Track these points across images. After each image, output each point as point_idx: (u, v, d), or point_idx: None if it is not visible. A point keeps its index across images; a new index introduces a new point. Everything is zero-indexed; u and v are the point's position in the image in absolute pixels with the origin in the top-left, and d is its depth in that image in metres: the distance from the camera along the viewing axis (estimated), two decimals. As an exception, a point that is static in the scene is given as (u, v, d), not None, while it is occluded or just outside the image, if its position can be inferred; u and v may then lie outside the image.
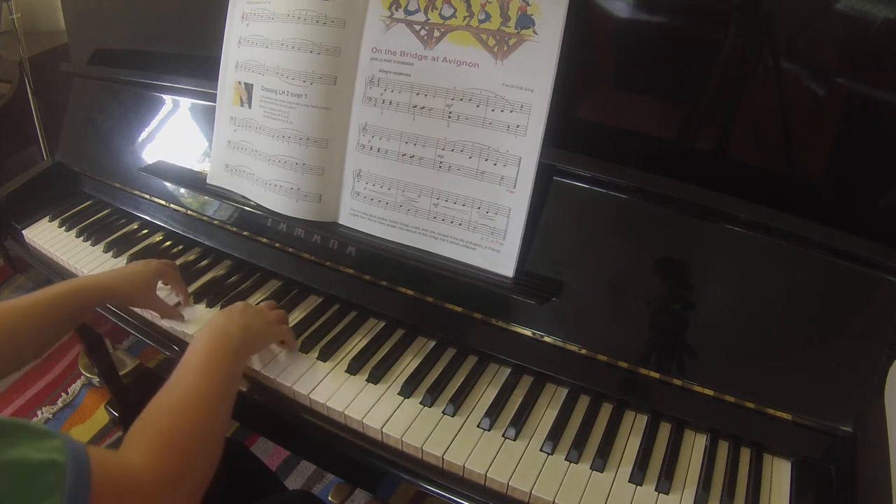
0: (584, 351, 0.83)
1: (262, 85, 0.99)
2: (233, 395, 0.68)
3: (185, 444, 0.57)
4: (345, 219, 0.97)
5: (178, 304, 1.00)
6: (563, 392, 0.86)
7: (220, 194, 1.07)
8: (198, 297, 1.02)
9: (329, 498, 0.96)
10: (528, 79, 0.81)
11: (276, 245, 1.03)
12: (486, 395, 0.85)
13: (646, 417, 0.82)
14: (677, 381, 0.79)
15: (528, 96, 0.82)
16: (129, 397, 1.56)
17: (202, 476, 0.59)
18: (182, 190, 1.13)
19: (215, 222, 1.09)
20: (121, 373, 1.61)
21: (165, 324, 0.97)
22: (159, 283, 0.98)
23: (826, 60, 0.74)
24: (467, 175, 0.87)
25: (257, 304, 0.99)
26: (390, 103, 0.91)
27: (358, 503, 1.40)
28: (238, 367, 0.72)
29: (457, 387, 0.84)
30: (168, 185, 1.15)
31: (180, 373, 0.66)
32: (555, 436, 0.78)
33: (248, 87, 1.02)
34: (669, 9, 0.80)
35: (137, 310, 0.99)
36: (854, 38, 0.73)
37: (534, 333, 0.85)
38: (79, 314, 0.85)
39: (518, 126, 0.83)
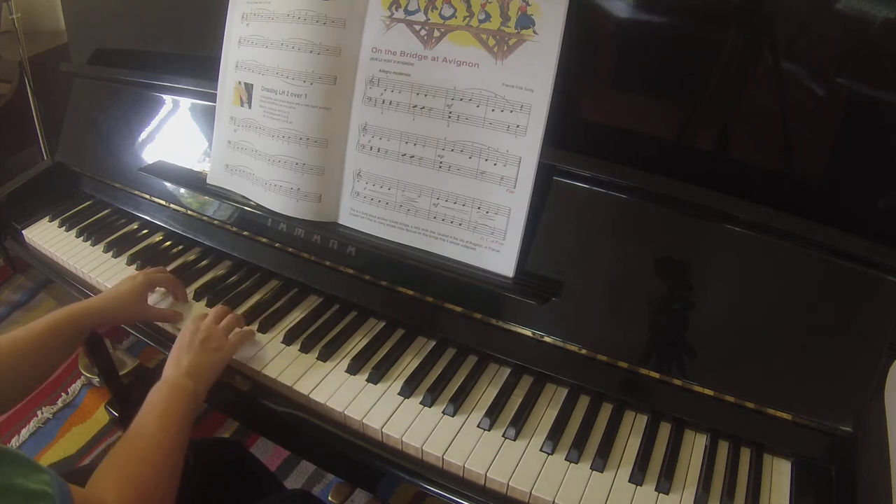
0: (584, 351, 0.83)
1: (262, 85, 0.99)
2: (188, 433, 0.75)
3: (149, 489, 0.66)
4: (345, 219, 0.97)
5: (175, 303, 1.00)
6: (563, 392, 0.86)
7: (220, 194, 1.07)
8: (198, 296, 1.02)
9: (329, 498, 0.96)
10: (528, 79, 0.81)
11: (276, 245, 1.03)
12: (486, 395, 0.85)
13: (646, 417, 0.82)
14: (677, 381, 0.79)
15: (528, 96, 0.82)
16: (129, 397, 1.56)
17: None
18: (182, 190, 1.13)
19: (215, 222, 1.09)
20: (121, 373, 1.61)
21: (166, 324, 0.98)
22: (157, 289, 0.99)
23: (826, 60, 0.74)
24: (467, 175, 0.87)
25: (255, 304, 1.00)
26: (390, 103, 0.91)
27: (358, 503, 1.40)
28: (193, 409, 0.77)
29: (457, 387, 0.84)
30: (168, 185, 1.15)
31: (142, 424, 0.72)
32: (555, 436, 0.78)
33: (248, 87, 1.02)
34: (669, 9, 0.80)
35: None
36: (854, 38, 0.73)
37: (534, 333, 0.85)
38: (75, 340, 0.87)
39: (518, 126, 0.83)
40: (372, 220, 0.95)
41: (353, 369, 0.87)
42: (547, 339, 0.84)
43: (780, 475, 0.76)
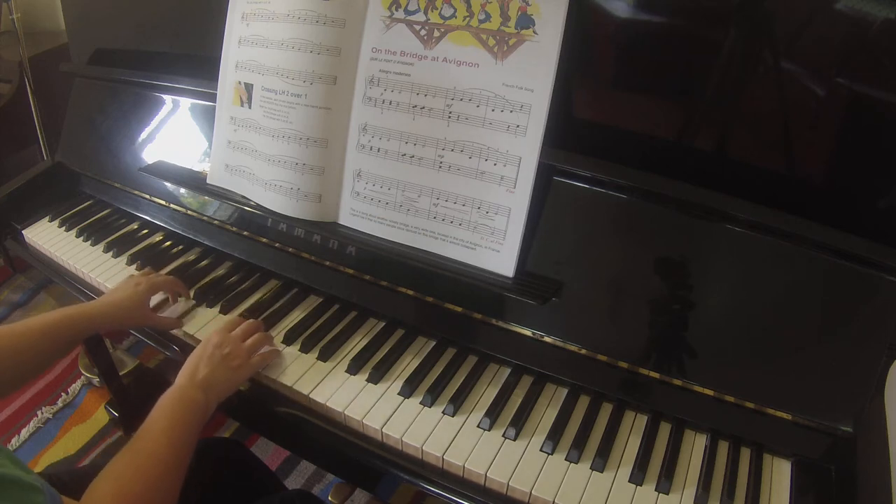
0: (584, 351, 0.83)
1: (262, 85, 0.99)
2: (192, 447, 0.73)
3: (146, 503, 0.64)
4: (345, 219, 0.97)
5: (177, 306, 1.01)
6: (563, 392, 0.86)
7: (220, 194, 1.07)
8: (198, 297, 1.02)
9: (329, 498, 0.95)
10: (528, 79, 0.81)
11: (277, 245, 1.03)
12: (486, 395, 0.85)
13: (646, 417, 0.82)
14: (677, 381, 0.79)
15: (528, 96, 0.82)
16: (129, 397, 1.55)
17: None
18: (182, 190, 1.13)
19: (215, 222, 1.09)
20: (121, 373, 1.61)
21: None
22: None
23: (826, 60, 0.74)
24: (467, 175, 0.87)
25: (255, 304, 1.00)
26: (390, 103, 0.91)
27: (358, 503, 1.40)
28: (200, 424, 0.76)
29: (457, 387, 0.84)
30: (168, 185, 1.15)
31: (146, 436, 0.70)
32: (555, 436, 0.78)
33: (248, 87, 1.02)
34: (669, 9, 0.80)
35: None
36: (854, 38, 0.73)
37: (534, 333, 0.85)
38: (73, 341, 0.86)
39: (518, 126, 0.83)
40: (372, 220, 0.95)
41: (353, 369, 0.87)
42: (547, 339, 0.84)
43: (780, 475, 0.76)
